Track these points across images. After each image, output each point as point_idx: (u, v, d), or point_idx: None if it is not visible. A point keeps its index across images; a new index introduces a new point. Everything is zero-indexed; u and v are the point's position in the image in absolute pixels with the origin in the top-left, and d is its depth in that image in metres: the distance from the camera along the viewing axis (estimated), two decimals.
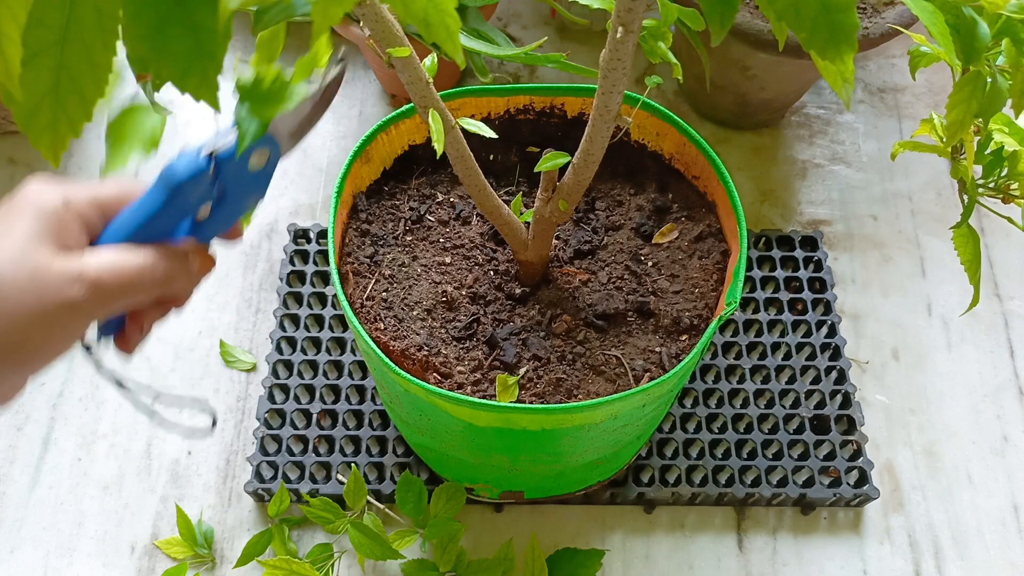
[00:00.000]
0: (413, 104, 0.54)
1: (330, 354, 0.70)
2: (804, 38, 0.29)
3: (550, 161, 0.45)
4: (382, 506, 0.63)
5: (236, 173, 0.36)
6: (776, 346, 0.71)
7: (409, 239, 0.57)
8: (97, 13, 0.23)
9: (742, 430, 0.67)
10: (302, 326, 0.72)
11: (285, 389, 0.69)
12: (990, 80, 0.38)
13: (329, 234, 0.50)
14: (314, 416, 0.67)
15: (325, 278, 0.75)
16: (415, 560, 0.59)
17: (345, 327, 0.72)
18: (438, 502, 0.60)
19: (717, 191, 0.55)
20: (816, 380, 0.70)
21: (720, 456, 0.66)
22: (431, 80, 0.41)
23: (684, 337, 0.53)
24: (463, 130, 0.44)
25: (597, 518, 0.66)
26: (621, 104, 0.40)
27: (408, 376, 0.46)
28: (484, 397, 0.50)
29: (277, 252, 0.79)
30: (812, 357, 0.71)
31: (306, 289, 0.73)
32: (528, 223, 0.51)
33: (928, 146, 0.48)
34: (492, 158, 0.61)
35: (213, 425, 0.53)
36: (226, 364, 0.73)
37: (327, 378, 0.69)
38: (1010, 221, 0.48)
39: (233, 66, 0.91)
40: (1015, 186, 0.47)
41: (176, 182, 0.35)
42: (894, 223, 0.82)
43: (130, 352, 0.39)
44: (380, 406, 0.68)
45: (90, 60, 0.24)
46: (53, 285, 0.32)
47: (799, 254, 0.76)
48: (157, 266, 0.35)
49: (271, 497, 0.66)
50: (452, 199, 0.60)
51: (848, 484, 0.65)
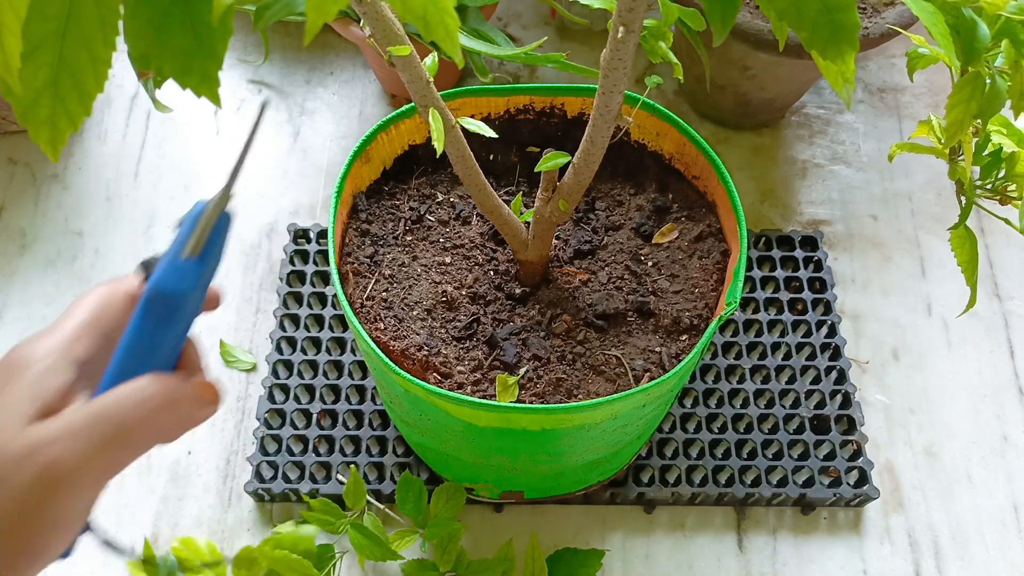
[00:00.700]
0: (413, 104, 0.54)
1: (330, 354, 0.70)
2: (805, 37, 0.29)
3: (550, 161, 0.45)
4: (382, 506, 0.63)
5: (215, 259, 0.32)
6: (776, 346, 0.71)
7: (409, 239, 0.57)
8: (97, 7, 0.23)
9: (742, 430, 0.67)
10: (302, 326, 0.72)
11: (285, 389, 0.69)
12: (989, 81, 0.38)
13: (329, 234, 0.50)
14: (314, 416, 0.67)
15: (325, 278, 0.75)
16: (415, 560, 0.59)
17: (345, 327, 0.72)
18: (438, 502, 0.60)
19: (717, 191, 0.55)
20: (816, 380, 0.70)
21: (720, 456, 0.66)
22: (431, 79, 0.41)
23: (684, 337, 0.53)
24: (463, 129, 0.44)
25: (597, 518, 0.66)
26: (621, 104, 0.40)
27: (408, 376, 0.46)
28: (484, 397, 0.50)
29: (277, 252, 0.79)
30: (812, 357, 0.71)
31: (306, 289, 0.73)
32: (528, 223, 0.51)
33: (926, 147, 0.48)
34: (492, 158, 0.61)
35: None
36: (226, 364, 0.73)
37: (327, 378, 0.69)
38: (1007, 223, 0.48)
39: (233, 64, 0.91)
40: (1012, 187, 0.47)
41: (175, 301, 0.30)
42: (894, 223, 0.82)
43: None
44: (380, 406, 0.68)
45: (90, 54, 0.24)
46: (17, 463, 0.28)
47: (799, 254, 0.76)
48: (146, 395, 0.31)
49: (271, 497, 0.66)
50: (452, 199, 0.60)
51: (848, 484, 0.65)
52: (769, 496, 0.64)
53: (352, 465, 0.65)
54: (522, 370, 0.51)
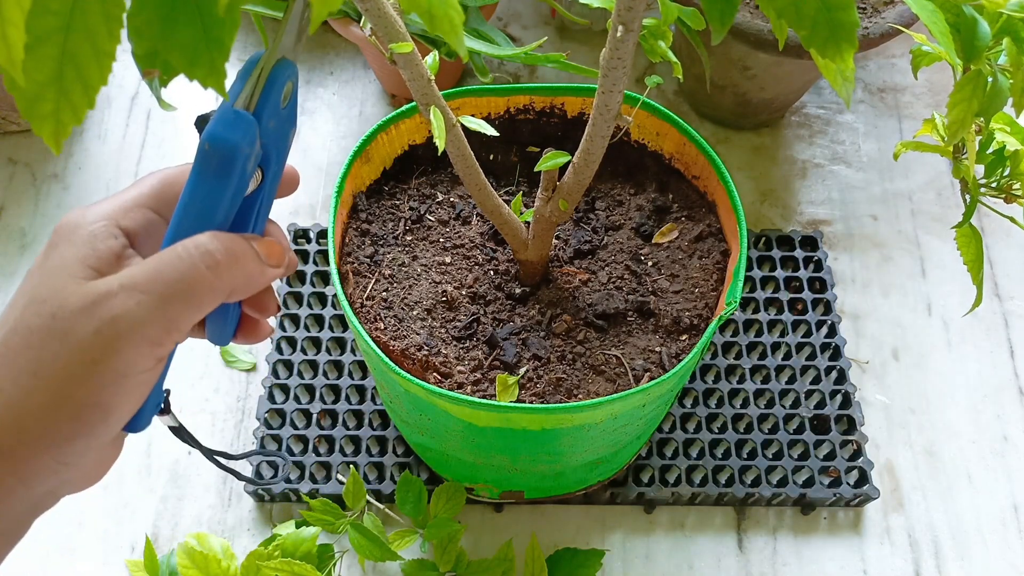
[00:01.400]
0: (413, 104, 0.54)
1: (330, 354, 0.70)
2: (804, 36, 0.29)
3: (550, 161, 0.45)
4: (382, 506, 0.63)
5: (273, 117, 0.31)
6: (776, 346, 0.71)
7: (409, 239, 0.57)
8: (102, 1, 0.23)
9: (742, 430, 0.67)
10: (302, 326, 0.72)
11: (285, 389, 0.69)
12: (991, 79, 0.38)
13: (329, 234, 0.50)
14: (314, 416, 0.67)
15: (325, 278, 0.75)
16: (415, 560, 0.59)
17: (345, 327, 0.72)
18: (438, 502, 0.60)
19: (717, 191, 0.55)
20: (816, 380, 0.70)
21: (720, 456, 0.66)
22: (433, 77, 0.41)
23: (684, 337, 0.53)
24: (464, 128, 0.44)
25: (597, 518, 0.66)
26: (621, 104, 0.40)
27: (408, 376, 0.46)
28: (484, 397, 0.50)
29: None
30: (812, 357, 0.71)
31: (306, 289, 0.73)
32: (528, 223, 0.51)
33: (930, 146, 0.48)
34: (492, 158, 0.61)
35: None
36: (226, 364, 0.73)
37: (327, 378, 0.69)
38: (1012, 221, 0.48)
39: (233, 63, 0.91)
40: (1017, 186, 0.47)
41: (231, 153, 0.29)
42: (894, 223, 0.82)
43: (269, 333, 0.37)
44: (380, 406, 0.68)
45: (94, 47, 0.24)
46: (76, 316, 0.28)
47: (799, 254, 0.76)
48: (207, 251, 0.29)
49: (271, 497, 0.66)
50: (452, 199, 0.60)
51: (848, 484, 0.65)
52: (769, 496, 0.64)
53: (352, 465, 0.65)
54: (522, 370, 0.51)
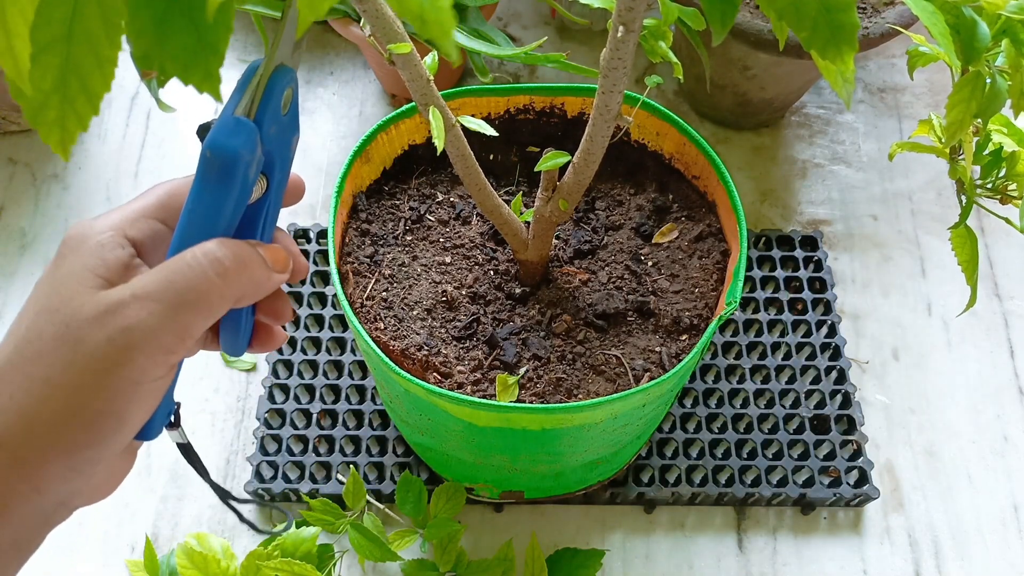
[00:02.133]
0: (413, 104, 0.54)
1: (330, 354, 0.70)
2: (805, 37, 0.29)
3: (550, 160, 0.45)
4: (382, 506, 0.63)
5: (274, 124, 0.31)
6: (776, 346, 0.71)
7: (409, 239, 0.57)
8: (100, 8, 0.23)
9: (742, 430, 0.67)
10: (302, 326, 0.72)
11: (285, 389, 0.69)
12: (989, 80, 0.38)
13: (329, 234, 0.50)
14: (314, 416, 0.67)
15: (325, 278, 0.75)
16: (415, 560, 0.59)
17: (345, 327, 0.72)
18: (438, 502, 0.60)
19: (717, 191, 0.55)
20: (816, 380, 0.70)
21: (720, 456, 0.66)
22: (432, 78, 0.41)
23: (684, 337, 0.53)
24: (464, 128, 0.44)
25: (597, 518, 0.66)
26: (621, 104, 0.40)
27: (408, 376, 0.46)
28: (484, 397, 0.50)
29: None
30: (812, 357, 0.71)
31: (306, 289, 0.73)
32: (528, 223, 0.51)
33: (926, 147, 0.48)
34: (492, 158, 0.61)
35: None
36: (226, 364, 0.73)
37: (327, 378, 0.69)
38: (1008, 222, 0.48)
39: (232, 63, 0.91)
40: (1013, 187, 0.47)
41: (232, 159, 0.29)
42: (894, 223, 0.82)
43: (283, 341, 0.37)
44: (380, 406, 0.68)
45: (96, 55, 0.24)
46: (88, 326, 0.28)
47: (799, 254, 0.76)
48: (216, 257, 0.30)
49: (271, 497, 0.66)
50: (452, 199, 0.60)
51: (848, 484, 0.65)
52: (769, 496, 0.64)
53: (352, 465, 0.65)
54: (522, 370, 0.51)
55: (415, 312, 0.53)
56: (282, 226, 0.79)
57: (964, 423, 0.71)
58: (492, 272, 0.56)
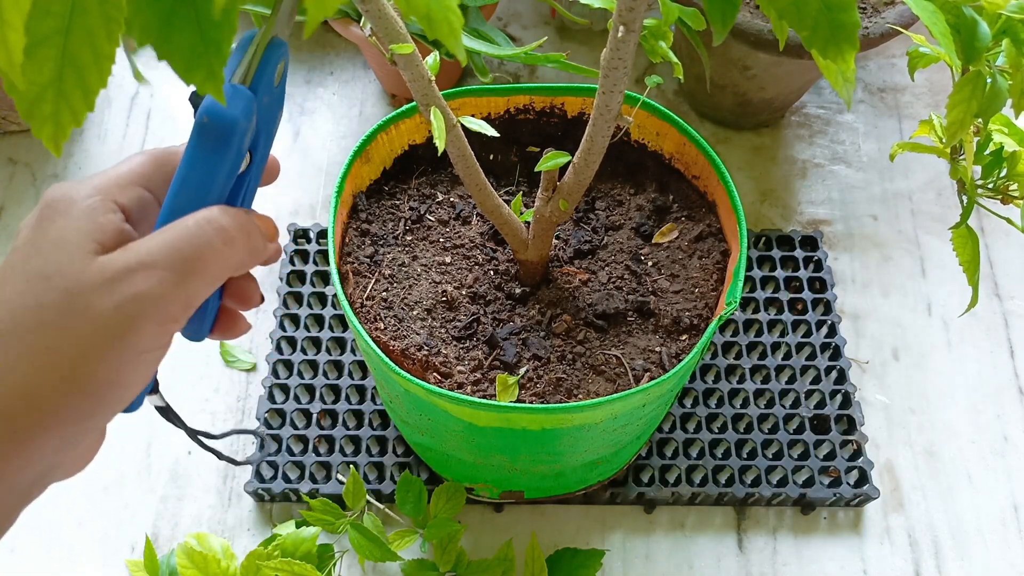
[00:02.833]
0: (413, 104, 0.54)
1: (330, 354, 0.70)
2: (805, 37, 0.29)
3: (550, 161, 0.45)
4: (382, 506, 0.63)
5: (265, 95, 0.30)
6: (776, 346, 0.71)
7: (409, 239, 0.57)
8: (100, 3, 0.23)
9: (742, 430, 0.67)
10: (302, 326, 0.72)
11: (285, 389, 0.69)
12: (990, 80, 0.38)
13: (329, 234, 0.50)
14: (314, 416, 0.67)
15: (325, 278, 0.75)
16: (415, 560, 0.59)
17: (345, 327, 0.72)
18: (438, 502, 0.60)
19: (717, 191, 0.55)
20: (816, 380, 0.70)
21: (720, 456, 0.66)
22: (433, 78, 0.41)
23: (684, 337, 0.53)
24: (464, 128, 0.44)
25: (597, 518, 0.66)
26: (621, 104, 0.40)
27: (408, 376, 0.46)
28: (484, 397, 0.50)
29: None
30: (812, 357, 0.71)
31: (306, 289, 0.73)
32: (528, 223, 0.51)
33: (927, 147, 0.48)
34: (492, 158, 0.61)
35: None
36: (226, 364, 0.73)
37: (327, 378, 0.69)
38: (1009, 222, 0.48)
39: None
40: (1014, 187, 0.47)
41: (230, 125, 0.29)
42: (894, 223, 0.82)
43: (247, 328, 0.36)
44: (380, 406, 0.68)
45: (94, 50, 0.24)
46: (95, 293, 0.27)
47: (799, 254, 0.76)
48: (220, 224, 0.29)
49: (271, 497, 0.66)
50: (452, 199, 0.60)
51: (848, 484, 0.65)
52: (769, 496, 0.64)
53: (352, 465, 0.65)
54: (522, 370, 0.51)
55: (415, 312, 0.53)
56: (282, 227, 0.80)
57: (964, 423, 0.71)
58: (492, 272, 0.56)
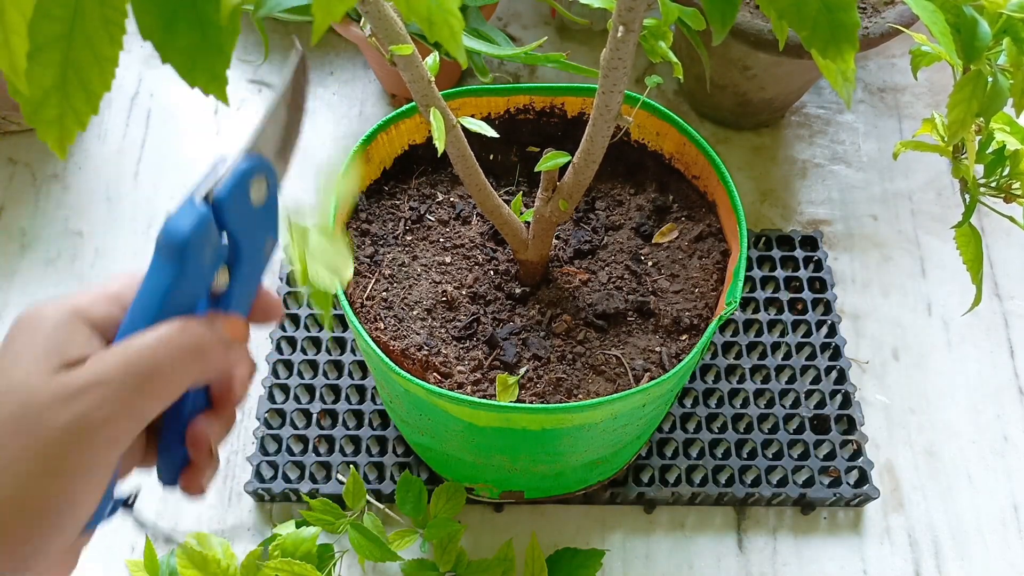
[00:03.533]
0: (413, 104, 0.54)
1: (330, 354, 0.70)
2: (805, 37, 0.29)
3: (550, 161, 0.45)
4: (382, 506, 0.63)
5: (240, 214, 0.30)
6: (776, 346, 0.71)
7: (409, 239, 0.57)
8: (102, 7, 0.23)
9: (742, 430, 0.67)
10: (302, 326, 0.72)
11: (285, 389, 0.69)
12: (991, 79, 0.38)
13: None
14: (314, 416, 0.67)
15: None
16: (415, 560, 0.59)
17: (345, 327, 0.72)
18: (438, 502, 0.60)
19: (717, 191, 0.55)
20: (816, 380, 0.70)
21: (720, 456, 0.66)
22: (433, 78, 0.41)
23: (684, 337, 0.53)
24: (464, 129, 0.44)
25: (597, 518, 0.66)
26: (621, 104, 0.40)
27: (408, 376, 0.46)
28: (484, 397, 0.50)
29: (276, 252, 0.79)
30: (812, 357, 0.71)
31: (306, 289, 0.73)
32: (528, 223, 0.51)
33: (929, 145, 0.48)
34: (492, 158, 0.61)
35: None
36: None
37: (327, 378, 0.69)
38: (1012, 220, 0.48)
39: (233, 63, 0.91)
40: (1017, 185, 0.47)
41: (180, 240, 0.28)
42: (894, 223, 0.82)
43: (203, 490, 0.34)
44: (380, 406, 0.68)
45: (96, 54, 0.24)
46: (47, 411, 0.27)
47: (799, 254, 0.76)
48: (174, 339, 0.29)
49: (271, 497, 0.66)
50: (452, 199, 0.60)
51: (848, 484, 0.65)
52: (769, 496, 0.64)
53: (352, 465, 0.65)
54: (522, 370, 0.51)
55: (415, 312, 0.53)
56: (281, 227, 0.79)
57: (964, 423, 0.71)
58: (492, 272, 0.56)
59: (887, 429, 0.71)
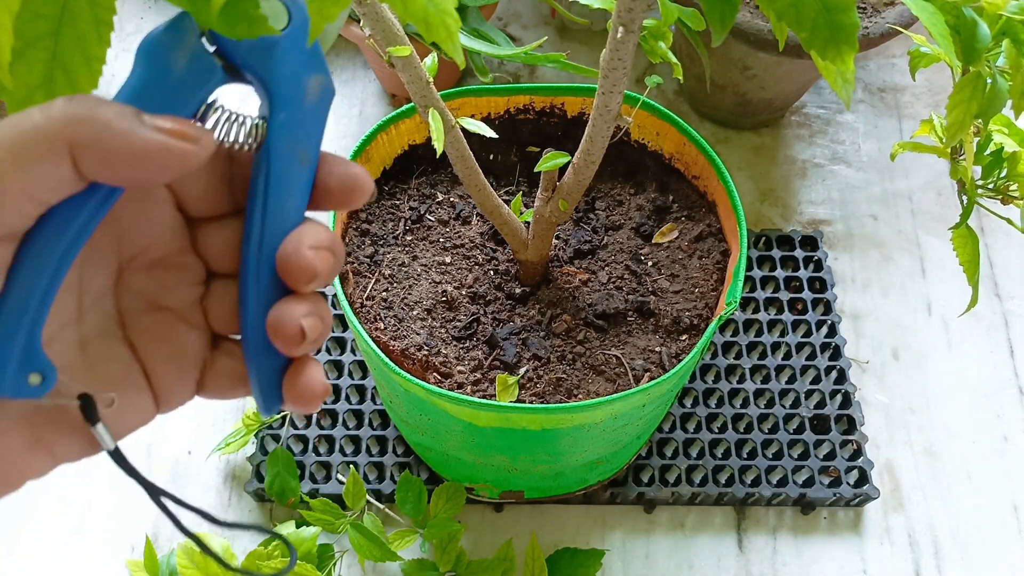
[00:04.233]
0: (413, 104, 0.54)
1: (330, 354, 0.70)
2: (804, 38, 0.29)
3: (550, 161, 0.45)
4: (382, 506, 0.63)
5: (251, 43, 0.23)
6: (776, 346, 0.71)
7: (409, 239, 0.57)
8: (91, 5, 0.23)
9: (742, 430, 0.67)
10: None
11: None
12: (990, 81, 0.38)
13: None
14: (314, 416, 0.67)
15: None
16: (415, 560, 0.59)
17: (345, 327, 0.72)
18: (438, 502, 0.60)
19: (717, 191, 0.55)
20: (816, 380, 0.70)
21: (720, 456, 0.66)
22: (431, 79, 0.41)
23: (684, 337, 0.53)
24: (463, 129, 0.44)
25: (597, 518, 0.66)
26: (621, 104, 0.40)
27: (408, 376, 0.46)
28: (484, 397, 0.50)
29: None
30: (812, 357, 0.71)
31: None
32: (528, 223, 0.51)
33: (928, 147, 0.48)
34: (492, 158, 0.61)
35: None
36: None
37: (327, 378, 0.69)
38: (1009, 222, 0.48)
39: None
40: (1014, 187, 0.47)
41: (146, 42, 0.23)
42: (894, 223, 0.82)
43: (316, 394, 0.27)
44: (380, 406, 0.68)
45: (84, 52, 0.24)
46: None
47: (799, 254, 0.76)
48: (49, 106, 0.21)
49: (271, 497, 0.66)
50: (452, 199, 0.60)
51: (848, 484, 0.65)
52: (769, 496, 0.64)
53: (352, 465, 0.65)
54: (522, 370, 0.51)
55: (415, 312, 0.53)
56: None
57: (964, 423, 0.71)
58: (492, 272, 0.56)
59: (887, 429, 0.71)
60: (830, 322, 0.72)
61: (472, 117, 0.54)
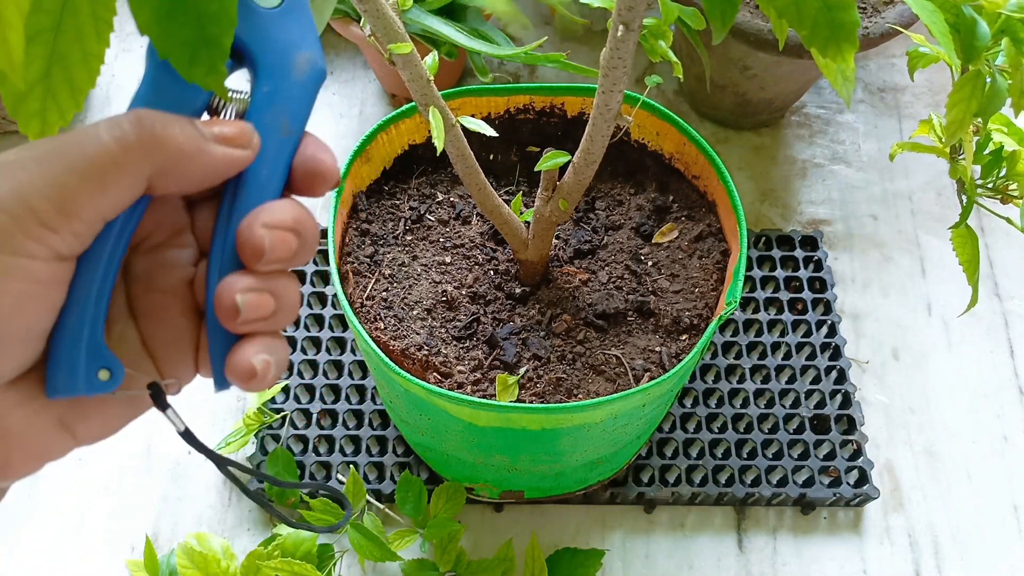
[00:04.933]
0: (413, 104, 0.54)
1: (330, 354, 0.70)
2: (805, 36, 0.29)
3: (550, 160, 0.45)
4: (382, 506, 0.63)
5: (245, 18, 0.25)
6: (776, 346, 0.71)
7: (409, 239, 0.57)
8: (91, 2, 0.23)
9: (742, 430, 0.67)
10: (302, 326, 0.72)
11: (285, 389, 0.69)
12: (989, 80, 0.38)
13: (329, 234, 0.50)
14: (314, 416, 0.67)
15: (325, 278, 0.75)
16: (415, 560, 0.59)
17: (345, 327, 0.72)
18: (438, 502, 0.60)
19: (717, 191, 0.55)
20: (816, 380, 0.70)
21: (720, 456, 0.66)
22: (432, 78, 0.41)
23: (684, 337, 0.53)
24: (464, 128, 0.44)
25: (597, 518, 0.66)
26: (621, 103, 0.40)
27: (408, 376, 0.46)
28: (484, 397, 0.50)
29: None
30: (812, 357, 0.71)
31: (306, 289, 0.73)
32: (528, 223, 0.51)
33: (927, 146, 0.48)
34: (492, 158, 0.61)
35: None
36: None
37: (327, 378, 0.69)
38: (1009, 222, 0.48)
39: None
40: (1014, 186, 0.47)
41: None
42: (894, 223, 0.82)
43: (246, 372, 0.26)
44: (380, 406, 0.68)
45: (83, 49, 0.24)
46: None
47: (799, 254, 0.76)
48: (120, 123, 0.23)
49: (271, 497, 0.66)
50: (452, 199, 0.60)
51: (848, 484, 0.65)
52: (769, 496, 0.64)
53: (352, 465, 0.65)
54: (522, 370, 0.51)
55: (415, 312, 0.53)
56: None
57: (964, 423, 0.71)
58: (492, 272, 0.56)
59: (887, 429, 0.71)
60: (830, 322, 0.72)
61: (472, 117, 0.54)
